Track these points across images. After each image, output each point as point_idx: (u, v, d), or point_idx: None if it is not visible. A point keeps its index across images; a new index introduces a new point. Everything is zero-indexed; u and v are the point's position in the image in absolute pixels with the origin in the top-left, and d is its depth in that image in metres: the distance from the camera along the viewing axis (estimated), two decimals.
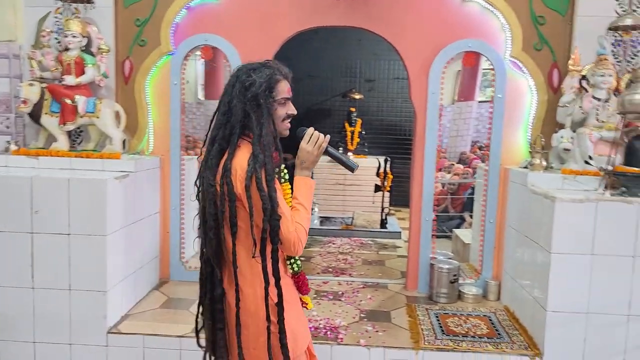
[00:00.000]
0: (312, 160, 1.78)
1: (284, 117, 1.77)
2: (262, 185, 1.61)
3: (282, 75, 1.76)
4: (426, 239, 3.85)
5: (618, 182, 2.97)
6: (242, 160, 1.66)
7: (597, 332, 2.83)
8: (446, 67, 3.72)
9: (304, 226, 1.71)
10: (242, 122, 1.69)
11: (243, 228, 1.69)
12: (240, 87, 1.70)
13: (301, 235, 1.69)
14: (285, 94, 1.75)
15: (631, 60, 3.45)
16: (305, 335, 1.86)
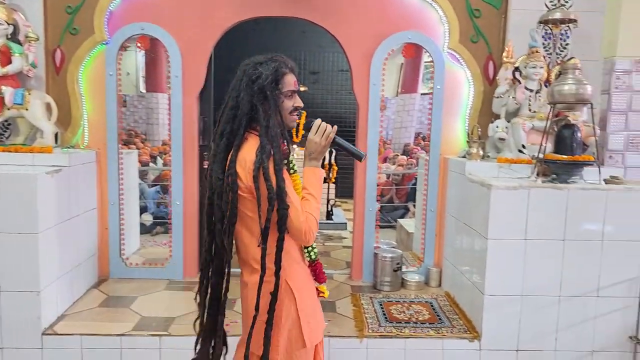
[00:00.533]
0: (320, 150, 1.80)
1: (291, 109, 1.79)
2: (269, 175, 1.63)
3: (288, 68, 1.78)
4: (370, 229, 3.90)
5: (549, 170, 3.11)
6: (249, 152, 1.68)
7: (531, 313, 2.96)
8: (387, 58, 3.76)
9: (314, 215, 1.73)
10: (249, 115, 1.71)
11: (254, 218, 1.70)
12: (248, 81, 1.71)
13: (312, 225, 1.72)
14: (291, 87, 1.78)
15: (561, 52, 3.60)
16: (320, 326, 1.87)
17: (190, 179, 3.86)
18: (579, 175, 3.05)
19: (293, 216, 1.67)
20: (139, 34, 3.75)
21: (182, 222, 3.86)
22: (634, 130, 3.55)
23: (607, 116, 3.56)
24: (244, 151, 1.69)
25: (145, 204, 5.55)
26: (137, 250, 4.41)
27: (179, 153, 3.80)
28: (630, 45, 3.49)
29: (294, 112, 1.81)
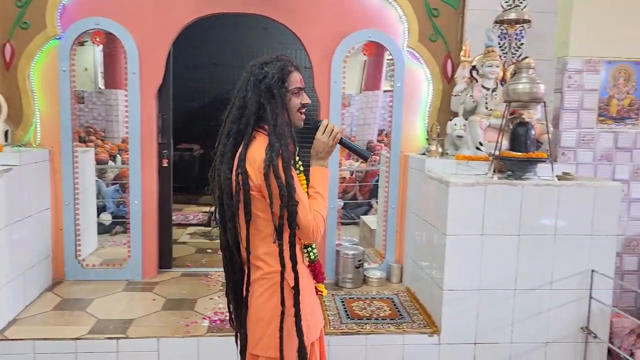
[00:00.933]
0: (327, 150, 1.83)
1: (299, 107, 1.81)
2: (279, 172, 1.66)
3: (294, 66, 1.81)
4: (332, 227, 3.91)
5: (504, 166, 3.18)
6: (258, 151, 1.70)
7: (488, 307, 3.02)
8: (348, 56, 3.77)
9: (321, 214, 1.77)
10: (256, 114, 1.73)
11: (262, 217, 1.73)
12: (254, 80, 1.74)
13: (319, 223, 1.75)
14: (298, 84, 1.80)
15: (516, 52, 3.69)
16: (318, 324, 1.88)
17: (148, 177, 3.79)
18: (533, 171, 3.13)
19: (302, 214, 1.70)
20: (93, 29, 3.64)
21: (140, 221, 3.78)
22: (585, 128, 3.68)
23: (559, 114, 3.67)
24: (252, 150, 1.71)
25: (104, 203, 5.41)
26: (94, 250, 4.29)
27: (137, 151, 3.72)
28: (581, 45, 3.60)
29: (302, 109, 1.83)
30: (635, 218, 3.78)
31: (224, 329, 3.02)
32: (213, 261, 4.41)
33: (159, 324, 3.07)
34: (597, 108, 3.66)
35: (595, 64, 3.62)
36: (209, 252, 4.72)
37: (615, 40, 3.60)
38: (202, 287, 3.73)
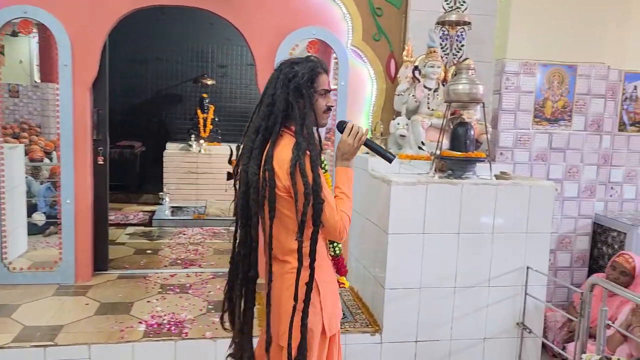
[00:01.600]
0: (352, 151, 1.88)
1: (324, 108, 1.85)
2: (306, 171, 1.68)
3: (323, 68, 1.85)
4: None
5: (445, 166, 3.23)
6: (285, 151, 1.73)
7: (429, 305, 3.06)
8: (291, 53, 3.72)
9: (347, 214, 1.81)
10: (284, 112, 1.77)
11: (289, 215, 1.76)
12: (284, 79, 1.78)
13: (346, 223, 1.80)
14: (325, 86, 1.84)
15: (457, 53, 3.75)
16: (338, 317, 1.92)
17: (82, 175, 3.60)
18: (472, 171, 3.19)
19: (328, 214, 1.74)
20: (20, 18, 3.42)
21: (73, 222, 3.59)
22: (522, 128, 3.79)
23: (498, 115, 3.77)
24: (280, 149, 1.75)
25: (36, 203, 5.13)
26: (24, 252, 4.05)
27: (70, 147, 3.53)
28: (518, 48, 3.70)
29: (327, 111, 1.87)
30: (568, 216, 3.93)
31: (161, 333, 2.91)
32: (152, 262, 4.26)
33: (91, 329, 2.92)
34: (533, 109, 3.78)
35: (532, 67, 3.74)
36: (148, 252, 4.56)
37: (550, 44, 3.72)
38: (139, 289, 3.59)
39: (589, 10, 3.72)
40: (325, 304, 1.82)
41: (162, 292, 3.55)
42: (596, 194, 3.96)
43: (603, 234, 3.90)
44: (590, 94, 3.81)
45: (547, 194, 3.15)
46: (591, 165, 3.90)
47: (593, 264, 3.97)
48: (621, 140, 4.07)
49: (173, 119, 8.06)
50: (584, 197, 3.92)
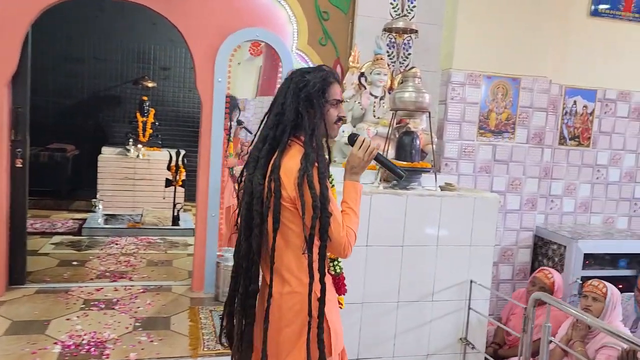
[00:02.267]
0: (362, 166, 1.81)
1: (336, 119, 1.79)
2: (314, 183, 1.63)
3: (335, 78, 1.81)
4: (212, 236, 3.64)
5: (388, 175, 3.12)
6: (293, 161, 1.67)
7: (371, 321, 2.93)
8: (233, 54, 3.55)
9: (354, 230, 1.74)
10: (294, 122, 1.71)
11: (292, 228, 1.70)
12: (295, 88, 1.73)
13: (351, 239, 1.72)
14: (337, 96, 1.79)
15: (404, 62, 3.69)
16: (342, 334, 1.86)
17: None
18: (417, 181, 3.10)
19: (334, 228, 1.67)
20: None
21: None
22: (467, 139, 3.76)
23: (443, 125, 3.72)
24: (287, 159, 1.69)
25: None
26: None
27: None
28: (464, 59, 3.68)
29: (338, 122, 1.81)
30: (510, 229, 3.92)
31: (78, 355, 2.63)
32: (77, 275, 3.94)
33: None
34: (478, 121, 3.75)
35: (477, 78, 3.72)
36: (74, 264, 4.22)
37: (494, 56, 3.72)
38: (59, 305, 3.28)
39: (532, 25, 3.75)
40: (331, 321, 1.75)
41: (85, 308, 3.25)
42: (537, 207, 3.98)
43: (544, 246, 3.91)
44: (532, 107, 3.83)
45: (491, 206, 3.11)
46: (533, 178, 3.91)
47: None
48: (561, 154, 4.12)
49: (110, 122, 7.64)
50: (526, 210, 3.93)
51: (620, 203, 4.29)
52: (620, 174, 4.26)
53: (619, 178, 4.27)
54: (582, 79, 4.09)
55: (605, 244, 3.74)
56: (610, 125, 4.20)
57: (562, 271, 3.69)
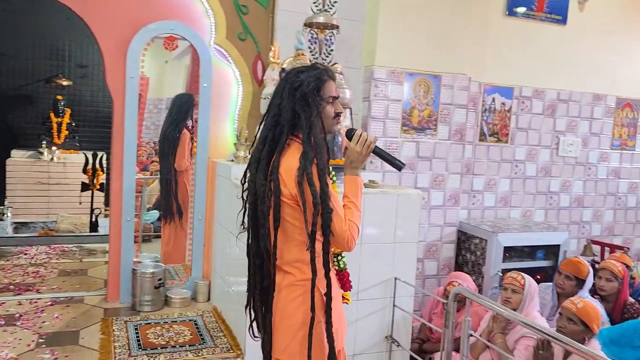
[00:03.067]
0: (360, 160, 1.84)
1: (333, 115, 1.83)
2: (314, 180, 1.66)
3: (329, 75, 1.83)
4: (128, 242, 3.43)
5: None
6: (292, 160, 1.71)
7: None
8: (146, 49, 3.35)
9: (356, 223, 1.78)
10: (291, 122, 1.75)
11: (294, 224, 1.74)
12: (290, 88, 1.76)
13: (354, 233, 1.76)
14: (332, 93, 1.82)
15: (326, 58, 3.62)
16: (344, 332, 1.89)
17: None
18: (340, 179, 3.03)
19: (336, 222, 1.71)
20: None
21: None
22: (391, 137, 3.75)
23: (367, 122, 3.69)
24: (287, 158, 1.73)
25: None
26: None
27: None
28: (386, 56, 3.67)
29: (336, 118, 1.85)
30: (435, 224, 3.96)
31: None
32: None
33: None
34: (401, 118, 3.76)
35: (399, 75, 3.72)
36: None
37: (415, 53, 3.73)
38: None
39: (451, 23, 3.80)
40: (334, 318, 1.77)
41: None
42: (460, 202, 4.04)
43: (467, 241, 3.98)
44: (453, 104, 3.89)
45: (414, 202, 3.11)
46: (455, 174, 3.97)
47: (458, 271, 4.04)
48: (482, 150, 4.21)
49: (21, 123, 7.10)
50: (449, 206, 3.98)
51: (537, 197, 4.45)
52: (536, 168, 4.42)
53: (535, 173, 4.42)
54: (499, 77, 4.19)
55: (523, 236, 3.85)
56: (526, 122, 4.34)
57: (483, 264, 3.77)
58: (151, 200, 5.67)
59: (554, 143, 4.45)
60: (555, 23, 4.30)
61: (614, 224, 4.80)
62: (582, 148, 4.56)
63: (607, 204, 4.75)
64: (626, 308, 3.33)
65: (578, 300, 2.63)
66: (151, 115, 8.12)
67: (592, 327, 2.51)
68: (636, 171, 4.86)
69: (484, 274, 3.77)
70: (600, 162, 4.66)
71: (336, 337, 1.78)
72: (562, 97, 4.43)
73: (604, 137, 4.66)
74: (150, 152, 7.40)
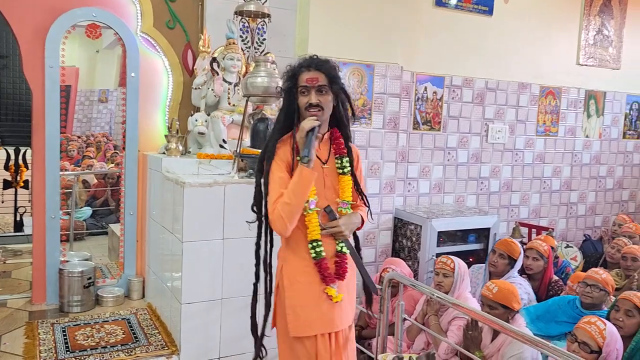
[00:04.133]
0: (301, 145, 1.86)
1: (306, 105, 1.88)
2: (263, 166, 1.91)
3: (306, 66, 1.88)
4: (53, 240, 3.26)
5: (246, 165, 3.01)
6: None
7: (231, 317, 2.80)
8: (67, 37, 3.18)
9: (279, 207, 1.83)
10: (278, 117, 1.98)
11: None
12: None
13: (276, 216, 1.83)
14: (303, 83, 1.87)
15: (259, 47, 3.57)
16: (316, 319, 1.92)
17: None
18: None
19: (268, 206, 1.88)
20: None
21: None
22: None
23: None
24: None
25: None
26: None
27: None
28: (319, 45, 3.64)
29: (309, 109, 1.87)
30: (372, 212, 3.99)
31: None
32: None
33: None
34: None
35: None
36: None
37: (348, 42, 3.74)
38: None
39: (383, 13, 3.83)
40: (290, 303, 1.92)
41: None
42: (395, 190, 4.11)
43: (402, 227, 4.06)
44: (387, 93, 3.94)
45: None
46: (390, 162, 4.03)
47: (395, 257, 4.12)
48: (415, 138, 4.30)
49: None
50: (385, 193, 4.04)
51: (468, 182, 4.60)
52: (467, 155, 4.56)
53: (467, 159, 4.56)
54: (431, 67, 4.28)
55: (456, 221, 3.97)
56: (457, 110, 4.47)
57: (419, 250, 3.85)
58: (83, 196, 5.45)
59: (484, 130, 4.61)
60: (482, 14, 4.43)
61: (540, 207, 5.05)
62: (509, 135, 4.75)
63: (534, 187, 4.99)
64: (551, 285, 3.51)
65: (493, 286, 2.69)
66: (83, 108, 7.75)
67: (512, 305, 2.60)
68: (559, 156, 5.12)
69: (419, 259, 3.87)
70: (526, 147, 4.88)
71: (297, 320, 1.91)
72: (490, 86, 4.59)
73: (530, 124, 4.87)
74: (81, 146, 7.10)
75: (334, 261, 1.98)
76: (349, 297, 2.04)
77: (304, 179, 1.84)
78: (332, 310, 1.95)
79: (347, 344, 2.04)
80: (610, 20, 5.21)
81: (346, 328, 2.05)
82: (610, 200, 5.56)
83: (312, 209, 1.92)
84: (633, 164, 5.69)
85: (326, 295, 1.94)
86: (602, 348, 2.25)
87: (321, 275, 1.94)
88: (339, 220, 1.95)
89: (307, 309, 1.92)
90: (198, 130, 3.28)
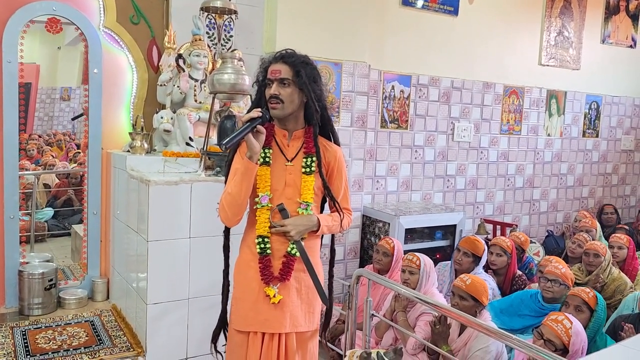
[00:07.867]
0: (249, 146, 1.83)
1: (268, 97, 1.87)
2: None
3: (275, 58, 1.89)
4: (12, 241, 3.15)
5: (213, 163, 2.98)
6: None
7: (199, 316, 2.77)
8: (25, 31, 3.08)
9: (222, 197, 1.89)
10: None
11: None
12: None
13: (225, 202, 1.87)
14: (268, 75, 1.87)
15: (225, 44, 3.53)
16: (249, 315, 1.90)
17: None
18: None
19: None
20: None
21: None
22: None
23: None
24: None
25: None
26: None
27: None
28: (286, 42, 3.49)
29: (271, 100, 1.86)
30: None
31: None
32: None
33: None
34: None
35: None
36: None
37: (316, 40, 3.73)
38: None
39: (350, 11, 3.84)
40: (233, 295, 1.97)
41: None
42: (364, 188, 4.14)
43: (371, 225, 4.09)
44: (355, 92, 3.95)
45: None
46: (358, 160, 4.05)
47: (364, 255, 4.15)
48: (383, 136, 4.33)
49: None
50: (354, 191, 4.06)
51: (435, 180, 4.67)
52: (434, 153, 4.63)
53: (433, 157, 4.63)
54: (398, 65, 4.33)
55: (423, 218, 4.02)
56: (424, 109, 4.52)
57: None
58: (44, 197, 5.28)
59: (450, 129, 4.68)
60: (447, 14, 4.50)
61: (504, 204, 5.16)
62: (474, 133, 4.83)
63: (498, 185, 5.09)
64: (515, 280, 3.59)
65: (467, 278, 2.77)
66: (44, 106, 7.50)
67: (482, 300, 2.67)
68: (522, 154, 5.24)
69: None
70: (491, 146, 4.98)
71: (235, 314, 1.95)
72: (456, 85, 4.67)
73: (494, 123, 4.97)
74: (41, 145, 6.89)
75: (281, 261, 1.91)
76: (302, 302, 1.95)
77: (243, 171, 1.82)
78: (270, 310, 1.89)
79: (303, 351, 1.97)
80: (570, 22, 5.36)
81: (306, 333, 1.98)
82: (571, 197, 5.73)
83: (263, 205, 1.89)
84: (592, 162, 5.88)
85: (264, 294, 1.89)
86: (567, 346, 2.30)
87: (261, 273, 1.89)
88: (287, 220, 1.88)
89: (245, 304, 1.92)
90: (164, 127, 3.22)
